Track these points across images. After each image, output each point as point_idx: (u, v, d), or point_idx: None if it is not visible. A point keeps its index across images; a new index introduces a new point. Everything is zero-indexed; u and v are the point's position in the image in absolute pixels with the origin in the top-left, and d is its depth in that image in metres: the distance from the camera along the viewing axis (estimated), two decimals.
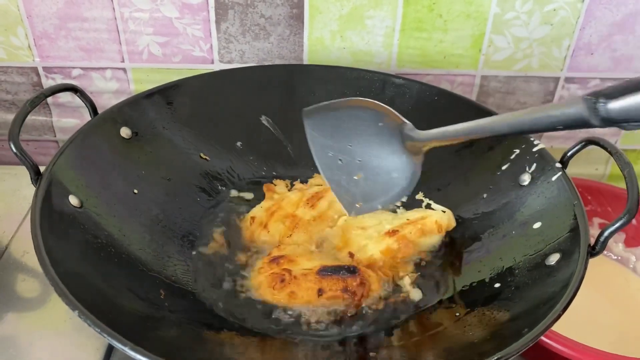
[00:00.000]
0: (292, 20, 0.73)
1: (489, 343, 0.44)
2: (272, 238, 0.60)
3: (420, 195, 0.64)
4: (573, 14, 0.72)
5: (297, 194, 0.63)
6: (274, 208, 0.61)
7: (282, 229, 0.60)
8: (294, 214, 0.60)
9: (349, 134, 0.53)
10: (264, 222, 0.60)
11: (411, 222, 0.59)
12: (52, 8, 0.71)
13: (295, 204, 0.61)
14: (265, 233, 0.60)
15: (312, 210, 0.61)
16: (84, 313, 0.40)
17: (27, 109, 0.53)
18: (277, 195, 0.64)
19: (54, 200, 0.50)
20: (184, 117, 0.66)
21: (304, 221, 0.60)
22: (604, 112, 0.35)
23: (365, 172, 0.53)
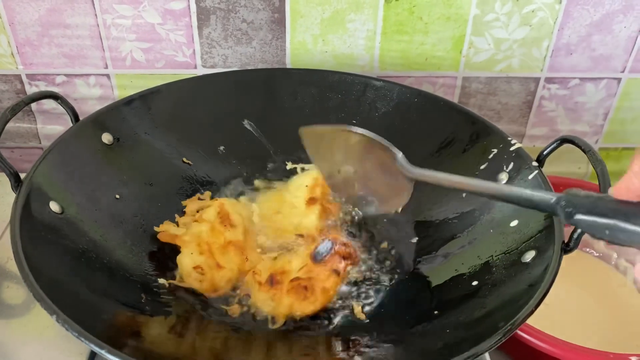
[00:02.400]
0: (273, 25, 0.74)
1: (466, 338, 0.44)
2: (232, 272, 0.57)
3: (290, 165, 0.69)
4: (551, 15, 0.73)
5: (202, 225, 0.60)
6: (204, 248, 0.57)
7: (233, 257, 0.58)
8: (226, 240, 0.58)
9: (345, 154, 0.54)
10: (212, 264, 0.57)
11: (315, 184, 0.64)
12: (34, 15, 0.72)
13: (214, 231, 0.59)
14: (224, 272, 0.57)
15: (232, 227, 0.60)
16: (61, 318, 0.40)
17: (6, 116, 0.53)
18: (183, 235, 0.59)
19: (35, 207, 0.50)
20: (166, 122, 0.66)
21: (239, 240, 0.59)
22: (572, 220, 0.37)
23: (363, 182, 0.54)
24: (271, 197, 0.67)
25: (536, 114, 0.81)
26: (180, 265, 0.56)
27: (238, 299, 0.55)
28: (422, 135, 0.66)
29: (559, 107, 0.81)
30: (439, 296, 0.54)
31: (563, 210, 0.37)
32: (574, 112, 0.81)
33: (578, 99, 0.80)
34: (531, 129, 0.83)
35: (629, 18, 0.73)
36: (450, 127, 0.65)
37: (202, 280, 0.55)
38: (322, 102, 0.71)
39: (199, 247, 0.57)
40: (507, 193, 0.43)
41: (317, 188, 0.65)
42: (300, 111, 0.71)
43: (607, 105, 0.81)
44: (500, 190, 0.44)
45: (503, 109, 0.81)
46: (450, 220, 0.61)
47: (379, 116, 0.69)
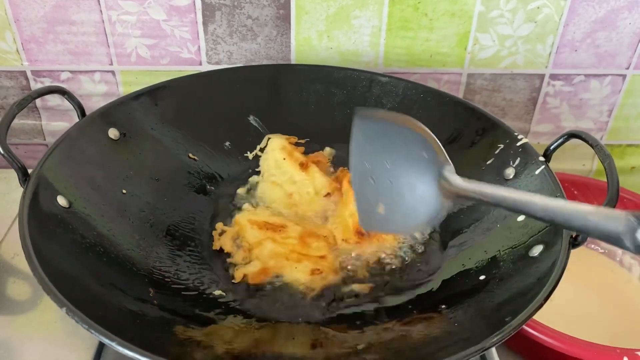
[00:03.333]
0: (279, 21, 0.74)
1: (473, 333, 0.44)
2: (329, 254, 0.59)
3: (250, 154, 0.70)
4: (556, 11, 0.73)
5: (263, 246, 0.59)
6: (294, 256, 0.58)
7: (317, 244, 0.59)
8: (296, 238, 0.59)
9: (391, 151, 0.52)
10: (317, 260, 0.58)
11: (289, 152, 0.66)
12: (40, 12, 0.72)
13: (276, 241, 0.59)
14: (330, 259, 0.58)
15: (283, 228, 0.60)
16: (71, 310, 0.40)
17: (14, 111, 0.53)
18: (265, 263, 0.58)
19: (42, 201, 0.50)
20: (172, 117, 0.66)
21: (303, 229, 0.61)
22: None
23: (393, 195, 0.52)
24: (266, 190, 0.66)
25: (541, 111, 0.82)
26: (298, 282, 0.55)
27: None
28: None
29: (564, 104, 0.81)
30: (446, 291, 0.54)
31: (632, 230, 0.33)
32: (579, 109, 0.82)
33: (583, 95, 0.80)
34: (536, 125, 0.83)
35: (633, 14, 0.73)
36: (456, 123, 0.65)
37: (325, 276, 0.56)
38: (328, 98, 0.71)
39: (292, 259, 0.57)
40: (562, 212, 0.38)
41: (294, 153, 0.66)
42: (306, 107, 0.71)
43: (612, 101, 0.81)
44: (555, 208, 0.38)
45: (508, 106, 0.81)
46: (456, 214, 0.61)
47: None
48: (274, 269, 0.56)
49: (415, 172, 0.49)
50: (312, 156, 0.68)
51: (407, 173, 0.50)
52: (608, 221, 0.35)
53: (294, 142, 0.69)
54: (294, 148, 0.68)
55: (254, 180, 0.67)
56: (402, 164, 0.50)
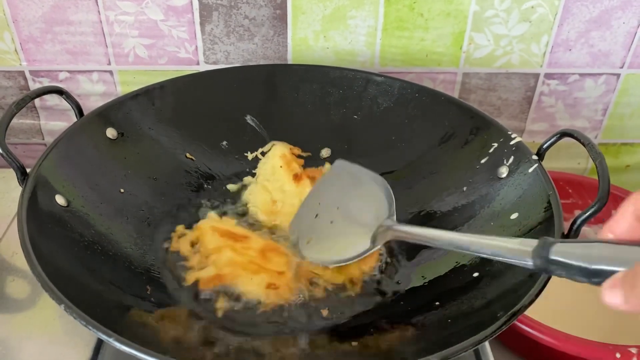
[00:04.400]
0: (275, 21, 0.74)
1: (466, 328, 0.45)
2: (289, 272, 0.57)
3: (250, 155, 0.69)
4: (551, 11, 0.74)
5: (222, 253, 0.57)
6: (253, 267, 0.56)
7: (277, 259, 0.57)
8: (257, 250, 0.58)
9: (347, 199, 0.58)
10: (274, 275, 0.55)
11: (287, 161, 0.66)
12: (38, 12, 0.72)
13: (236, 250, 0.57)
14: (286, 276, 0.56)
15: (245, 238, 0.59)
16: (69, 307, 0.41)
17: (12, 111, 0.54)
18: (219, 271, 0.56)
19: (41, 200, 0.51)
20: (170, 117, 0.67)
21: (266, 243, 0.59)
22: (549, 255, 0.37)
23: (327, 233, 0.57)
24: (255, 192, 0.65)
25: (536, 110, 0.82)
26: (251, 294, 0.53)
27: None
28: (422, 130, 0.67)
29: (559, 103, 0.82)
30: (440, 287, 0.54)
31: (539, 252, 0.37)
32: (573, 108, 0.82)
33: (577, 94, 0.81)
34: (531, 124, 0.83)
35: (627, 14, 0.74)
36: (451, 121, 0.66)
37: (281, 293, 0.54)
38: (324, 97, 0.71)
39: (249, 270, 0.55)
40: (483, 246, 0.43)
41: (292, 164, 0.66)
42: (302, 107, 0.71)
43: (606, 100, 0.82)
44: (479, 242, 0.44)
45: (503, 105, 0.82)
46: (451, 213, 0.61)
47: (380, 111, 0.70)
48: (228, 277, 0.54)
49: (358, 220, 0.55)
50: (309, 170, 0.68)
51: (349, 220, 0.56)
52: (521, 252, 0.40)
53: (297, 153, 0.69)
54: (293, 158, 0.68)
55: (247, 180, 0.67)
56: (349, 212, 0.56)
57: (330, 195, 0.59)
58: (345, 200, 0.58)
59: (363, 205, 0.57)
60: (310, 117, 0.71)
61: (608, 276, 0.33)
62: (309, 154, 0.70)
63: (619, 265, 0.33)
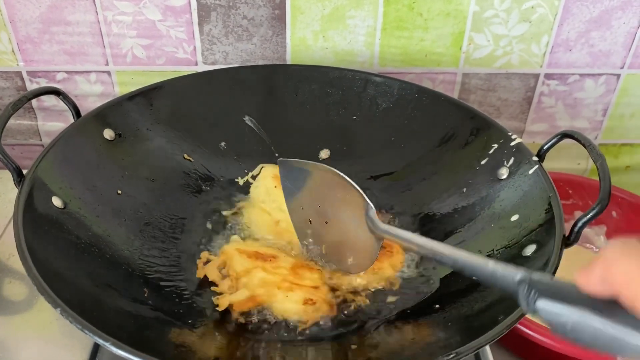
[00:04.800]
0: (274, 21, 0.74)
1: (467, 331, 0.44)
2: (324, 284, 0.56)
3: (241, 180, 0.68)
4: (551, 11, 0.74)
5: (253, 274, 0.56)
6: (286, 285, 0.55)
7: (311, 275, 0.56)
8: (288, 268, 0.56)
9: (319, 196, 0.55)
10: (312, 290, 0.55)
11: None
12: (35, 12, 0.72)
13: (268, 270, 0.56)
14: (323, 289, 0.55)
15: (274, 258, 0.57)
16: (65, 311, 0.41)
17: (9, 111, 0.54)
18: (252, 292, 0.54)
19: (37, 202, 0.51)
20: (167, 118, 0.66)
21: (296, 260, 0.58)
22: (532, 306, 0.34)
23: (330, 236, 0.56)
24: (253, 216, 0.64)
25: (536, 110, 0.82)
26: (289, 312, 0.52)
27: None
28: (422, 130, 0.67)
29: (559, 103, 0.81)
30: (440, 290, 0.54)
31: (525, 292, 0.34)
32: (573, 108, 0.82)
33: (577, 95, 0.81)
34: (531, 125, 0.83)
35: (627, 14, 0.74)
36: (451, 122, 0.65)
37: (319, 307, 0.52)
38: (323, 98, 0.71)
39: (283, 288, 0.53)
40: (467, 262, 0.41)
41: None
42: (301, 107, 0.71)
43: (607, 101, 0.81)
44: (465, 260, 0.42)
45: (503, 105, 0.81)
46: (451, 214, 0.61)
47: (380, 112, 0.69)
48: (262, 297, 0.53)
49: (345, 213, 0.53)
50: None
51: (338, 214, 0.54)
52: (505, 281, 0.37)
53: None
54: None
55: (241, 204, 0.65)
56: (331, 206, 0.54)
57: (304, 198, 0.57)
58: (318, 196, 0.56)
59: (335, 195, 0.54)
60: (309, 118, 0.71)
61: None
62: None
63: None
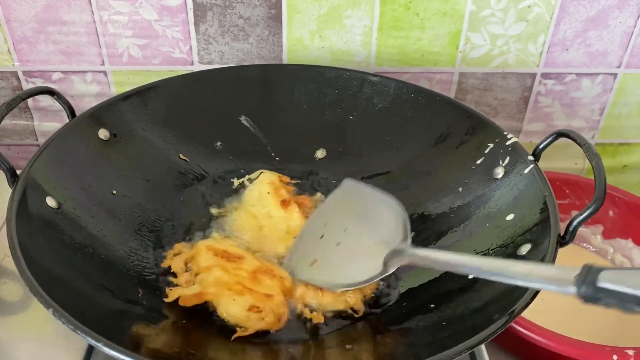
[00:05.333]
0: (270, 21, 0.74)
1: (462, 331, 0.44)
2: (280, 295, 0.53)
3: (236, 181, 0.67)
4: (547, 10, 0.73)
5: (212, 272, 0.55)
6: (238, 288, 0.53)
7: (270, 282, 0.54)
8: (249, 272, 0.55)
9: (356, 220, 0.56)
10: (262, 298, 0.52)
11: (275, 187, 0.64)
12: (31, 12, 0.72)
13: (228, 271, 0.55)
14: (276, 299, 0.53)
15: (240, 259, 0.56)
16: (58, 311, 0.40)
17: (3, 111, 0.53)
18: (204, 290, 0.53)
19: (31, 202, 0.50)
20: (163, 118, 0.66)
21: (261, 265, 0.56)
22: (592, 285, 0.34)
23: (333, 255, 0.55)
24: (241, 218, 0.63)
25: (532, 110, 0.82)
26: (231, 316, 0.51)
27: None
28: (418, 130, 0.67)
29: (555, 103, 0.81)
30: (435, 289, 0.54)
31: (584, 278, 0.34)
32: (570, 108, 0.82)
33: (574, 94, 0.81)
34: (528, 124, 0.83)
35: (624, 13, 0.74)
36: (447, 121, 0.65)
37: (264, 316, 0.50)
38: (319, 97, 0.71)
39: (233, 290, 0.52)
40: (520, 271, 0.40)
41: (280, 190, 0.64)
42: (297, 107, 0.71)
43: (603, 100, 0.81)
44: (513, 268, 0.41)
45: (500, 105, 0.81)
46: (446, 214, 0.61)
47: (376, 112, 0.69)
48: (210, 296, 0.52)
49: (368, 243, 0.53)
50: (297, 197, 0.65)
51: (358, 242, 0.54)
52: (560, 281, 0.37)
53: (285, 181, 0.67)
54: (282, 185, 0.65)
55: (231, 205, 0.65)
56: (358, 234, 0.54)
57: (338, 216, 0.57)
58: (354, 221, 0.56)
59: (373, 228, 0.54)
60: (305, 118, 0.71)
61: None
62: (298, 182, 0.68)
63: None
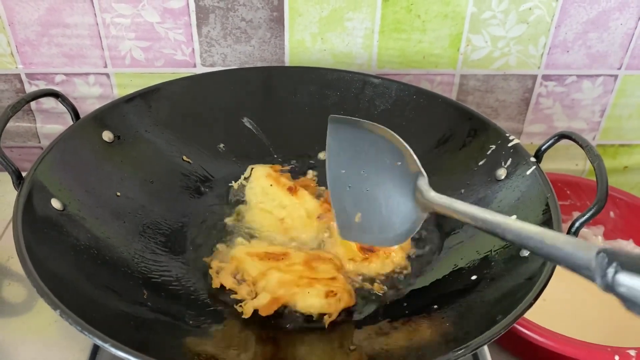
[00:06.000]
0: (272, 23, 0.74)
1: (465, 332, 0.44)
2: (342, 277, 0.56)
3: (235, 184, 0.67)
4: (548, 12, 0.74)
5: (270, 276, 0.55)
6: (305, 282, 0.54)
7: (326, 267, 0.56)
8: (305, 262, 0.57)
9: (366, 160, 0.53)
10: (331, 282, 0.54)
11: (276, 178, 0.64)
12: (34, 15, 0.72)
13: (282, 269, 0.56)
14: (341, 279, 0.55)
15: (285, 256, 0.57)
16: (65, 312, 0.41)
17: (8, 114, 0.54)
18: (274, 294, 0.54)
19: (36, 204, 0.51)
20: (166, 120, 0.66)
21: (310, 253, 0.58)
22: (610, 280, 0.30)
23: (369, 204, 0.53)
24: (257, 218, 0.63)
25: (533, 111, 0.82)
26: (314, 307, 0.52)
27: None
28: (420, 132, 0.67)
29: (556, 104, 0.82)
30: (438, 290, 0.54)
31: (602, 267, 0.31)
32: (571, 109, 0.82)
33: (575, 96, 0.81)
34: (528, 126, 0.83)
35: (625, 15, 0.74)
36: (448, 123, 0.66)
37: (340, 297, 0.52)
38: (321, 99, 0.71)
39: (302, 285, 0.53)
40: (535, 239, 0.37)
41: (280, 179, 0.65)
42: (299, 109, 0.71)
43: (604, 102, 0.81)
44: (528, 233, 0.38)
45: (500, 106, 0.82)
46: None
47: (378, 113, 0.70)
48: (285, 297, 0.53)
49: (391, 181, 0.50)
50: (298, 181, 0.67)
51: (382, 182, 0.51)
52: (580, 253, 0.34)
53: (278, 169, 0.68)
54: (279, 174, 0.66)
55: (240, 209, 0.65)
56: (377, 173, 0.51)
57: (348, 162, 0.54)
58: (363, 160, 0.53)
59: (384, 160, 0.51)
60: (307, 120, 0.71)
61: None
62: (293, 167, 0.69)
63: None
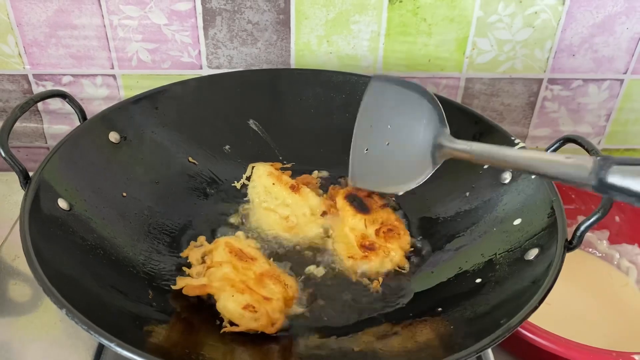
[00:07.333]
0: (279, 26, 0.74)
1: (469, 335, 0.44)
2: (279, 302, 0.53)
3: (238, 184, 0.68)
4: (554, 17, 0.74)
5: (221, 268, 0.55)
6: (241, 287, 0.53)
7: (274, 287, 0.55)
8: (256, 274, 0.56)
9: (395, 115, 0.58)
10: (260, 299, 0.53)
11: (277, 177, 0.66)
12: (42, 16, 0.73)
13: (238, 269, 0.56)
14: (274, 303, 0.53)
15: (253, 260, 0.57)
16: (71, 311, 0.41)
17: (16, 114, 0.54)
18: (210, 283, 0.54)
19: (43, 203, 0.51)
20: (172, 121, 0.67)
21: (269, 269, 0.57)
22: (605, 175, 0.37)
23: (386, 155, 0.57)
24: (262, 218, 0.64)
25: (539, 115, 0.82)
26: (227, 311, 0.51)
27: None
28: None
29: (562, 109, 0.81)
30: (442, 293, 0.54)
31: (598, 167, 0.37)
32: (577, 113, 0.82)
33: (580, 100, 0.81)
34: (534, 130, 0.83)
35: (631, 19, 0.74)
36: (454, 126, 0.65)
37: (258, 317, 0.51)
38: (327, 102, 0.71)
39: (235, 288, 0.53)
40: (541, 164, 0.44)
41: (282, 177, 0.66)
42: (305, 111, 0.71)
43: (610, 106, 0.81)
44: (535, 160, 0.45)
45: (506, 110, 0.81)
46: (454, 218, 0.61)
47: None
48: (212, 289, 0.53)
49: (414, 135, 0.55)
50: (300, 179, 0.67)
51: (404, 137, 0.56)
52: (578, 168, 0.40)
53: (278, 167, 0.68)
54: (280, 173, 0.67)
55: (244, 209, 0.65)
56: (401, 127, 0.57)
57: (379, 116, 0.58)
58: (392, 115, 0.58)
59: (413, 119, 0.57)
60: (313, 122, 0.71)
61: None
62: (293, 164, 0.69)
63: None
